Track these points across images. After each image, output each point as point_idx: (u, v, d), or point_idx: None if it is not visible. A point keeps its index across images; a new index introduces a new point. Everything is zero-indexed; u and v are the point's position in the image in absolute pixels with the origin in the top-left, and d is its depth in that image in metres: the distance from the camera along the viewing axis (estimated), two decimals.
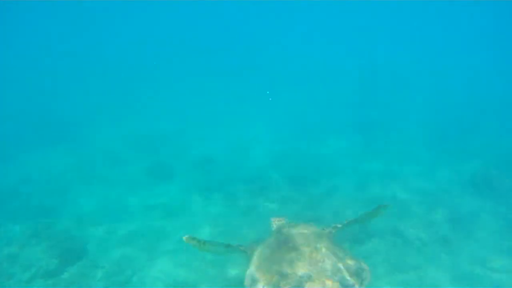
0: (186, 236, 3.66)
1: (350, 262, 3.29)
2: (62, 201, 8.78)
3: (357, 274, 3.19)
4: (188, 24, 35.11)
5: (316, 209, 7.92)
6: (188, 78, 22.47)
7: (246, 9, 34.21)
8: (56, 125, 14.25)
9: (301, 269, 3.10)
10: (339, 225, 3.74)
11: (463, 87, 19.87)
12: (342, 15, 34.41)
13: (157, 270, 6.45)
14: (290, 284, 3.02)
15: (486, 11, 29.62)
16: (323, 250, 3.26)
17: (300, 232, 3.51)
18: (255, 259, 3.50)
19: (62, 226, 7.65)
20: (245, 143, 12.84)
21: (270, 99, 16.34)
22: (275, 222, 4.05)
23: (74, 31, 31.18)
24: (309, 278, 3.03)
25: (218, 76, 21.86)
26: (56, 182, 9.97)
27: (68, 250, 6.92)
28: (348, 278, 3.09)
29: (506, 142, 11.86)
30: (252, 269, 3.40)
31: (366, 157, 11.07)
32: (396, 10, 31.98)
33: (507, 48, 28.78)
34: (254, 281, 3.27)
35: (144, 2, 30.56)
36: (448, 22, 32.56)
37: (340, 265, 3.17)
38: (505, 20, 29.60)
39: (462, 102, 16.82)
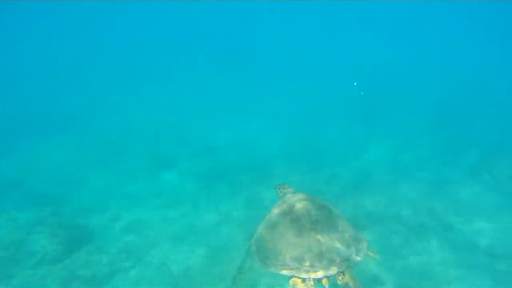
0: None
1: (348, 232, 3.44)
2: (66, 190, 8.80)
3: (354, 243, 3.36)
4: (190, 21, 35.05)
5: (319, 195, 7.98)
6: (194, 74, 22.27)
7: (250, 4, 33.97)
8: (59, 115, 14.26)
9: (301, 240, 3.26)
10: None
11: (462, 78, 19.90)
12: (343, 12, 34.42)
13: (161, 256, 6.51)
14: (292, 254, 3.21)
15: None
16: (323, 220, 3.42)
17: (304, 203, 3.59)
18: (261, 227, 3.68)
19: (66, 214, 7.71)
20: (248, 134, 12.88)
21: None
22: (280, 190, 4.05)
23: (74, 31, 31.25)
24: (309, 248, 3.21)
25: (224, 70, 21.75)
26: (60, 171, 9.98)
27: (72, 237, 6.94)
28: (344, 247, 3.26)
29: (505, 130, 12.00)
30: (258, 233, 3.58)
31: (366, 146, 11.19)
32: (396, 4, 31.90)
33: (505, 37, 28.85)
34: (259, 247, 3.48)
35: (144, 2, 30.67)
36: (446, 14, 32.44)
37: (338, 235, 3.34)
38: (503, 12, 29.47)
39: (461, 92, 16.86)
